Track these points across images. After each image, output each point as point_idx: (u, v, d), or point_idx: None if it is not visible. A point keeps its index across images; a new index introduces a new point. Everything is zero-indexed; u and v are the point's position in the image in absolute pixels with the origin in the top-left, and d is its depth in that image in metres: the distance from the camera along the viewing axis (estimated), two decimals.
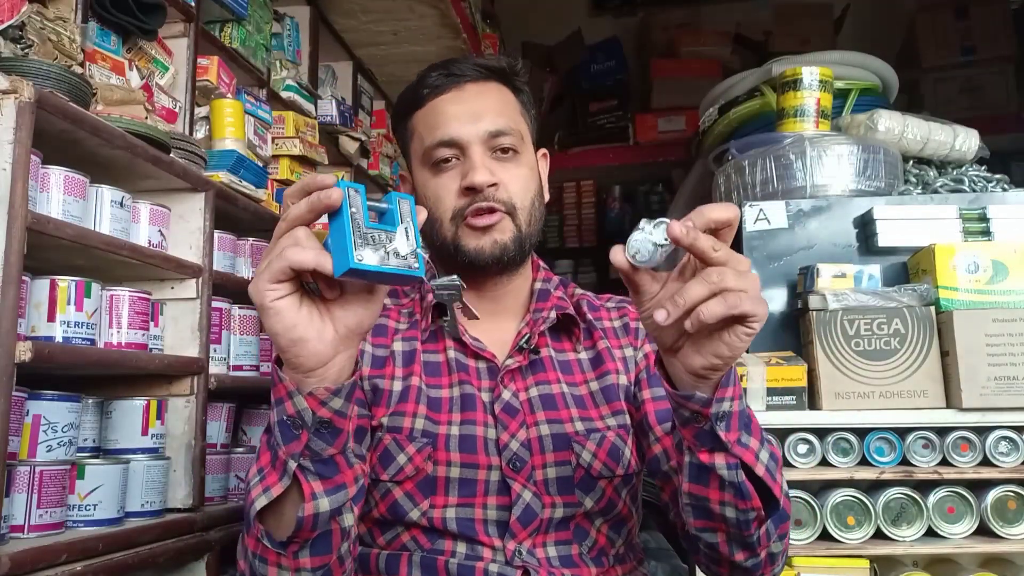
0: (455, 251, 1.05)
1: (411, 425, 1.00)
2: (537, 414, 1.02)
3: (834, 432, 1.57)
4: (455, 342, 1.06)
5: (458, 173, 1.05)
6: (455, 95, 1.08)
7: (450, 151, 1.05)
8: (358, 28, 2.81)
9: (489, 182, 1.02)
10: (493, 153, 1.05)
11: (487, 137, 1.05)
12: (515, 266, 1.08)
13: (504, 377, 1.04)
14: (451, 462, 0.99)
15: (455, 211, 1.04)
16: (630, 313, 1.14)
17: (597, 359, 1.09)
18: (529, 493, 0.98)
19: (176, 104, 1.76)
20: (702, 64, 4.11)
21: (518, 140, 1.07)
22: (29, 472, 1.19)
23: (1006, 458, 1.54)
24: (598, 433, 1.03)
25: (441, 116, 1.07)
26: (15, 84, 1.12)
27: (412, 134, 1.12)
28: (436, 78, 1.10)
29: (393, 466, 0.99)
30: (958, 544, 1.52)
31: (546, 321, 1.07)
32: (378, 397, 1.03)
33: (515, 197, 1.05)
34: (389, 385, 1.04)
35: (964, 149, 2.07)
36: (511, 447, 1.00)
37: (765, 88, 2.54)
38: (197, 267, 1.58)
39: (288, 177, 2.29)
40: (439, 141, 1.05)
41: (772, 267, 1.89)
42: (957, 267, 1.64)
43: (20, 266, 1.11)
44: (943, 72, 4.04)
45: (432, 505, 0.98)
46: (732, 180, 2.10)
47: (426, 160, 1.07)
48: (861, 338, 1.61)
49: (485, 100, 1.08)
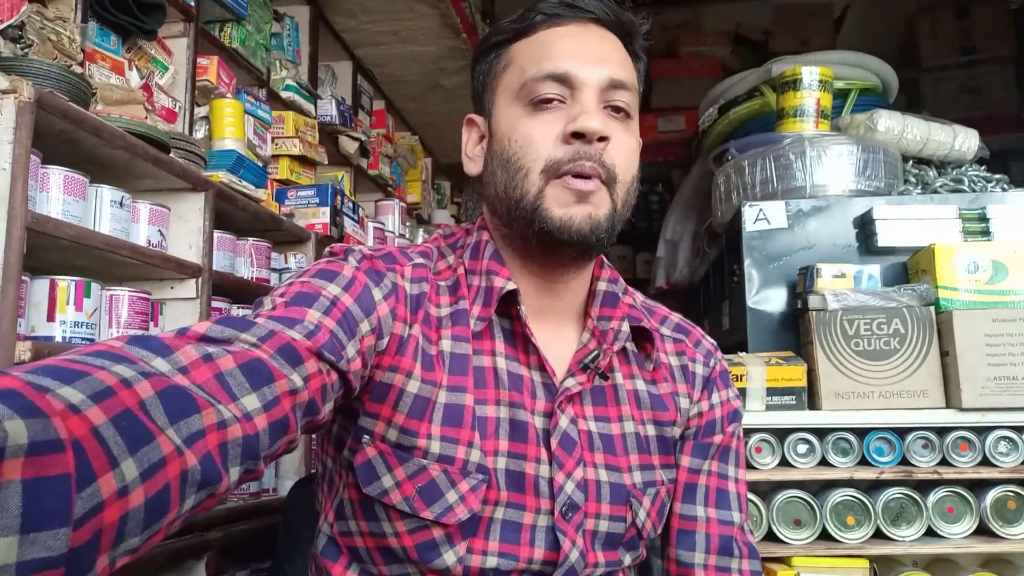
0: (532, 214, 0.82)
1: (465, 457, 0.81)
2: (596, 455, 0.86)
3: (834, 432, 1.57)
4: (508, 344, 0.86)
5: (563, 116, 0.83)
6: (577, 30, 0.87)
7: (557, 89, 0.84)
8: (358, 28, 2.81)
9: (603, 133, 0.81)
10: (605, 108, 0.85)
11: (607, 85, 0.84)
12: (597, 253, 0.88)
13: (562, 401, 0.85)
14: (499, 501, 0.82)
15: (551, 161, 0.82)
16: (688, 351, 0.96)
17: (659, 401, 0.92)
18: (577, 552, 0.84)
19: (176, 104, 1.76)
20: (702, 64, 4.11)
21: (634, 103, 0.88)
22: None
23: (1005, 458, 1.54)
24: (653, 488, 0.90)
25: (555, 48, 0.85)
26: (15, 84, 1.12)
27: (507, 65, 0.89)
28: (556, 6, 0.88)
29: (440, 504, 0.80)
30: (958, 544, 1.52)
31: (617, 336, 0.88)
32: (421, 408, 0.81)
33: (619, 165, 0.83)
34: (435, 395, 0.82)
35: (964, 149, 2.07)
36: (566, 489, 0.83)
37: (765, 88, 2.54)
38: (197, 267, 1.58)
39: (288, 177, 2.30)
40: (548, 73, 0.84)
41: (772, 267, 1.89)
42: (957, 267, 1.64)
43: (20, 266, 1.11)
44: (943, 72, 4.04)
45: (470, 550, 0.81)
46: (732, 180, 2.10)
47: (523, 95, 0.85)
48: (861, 338, 1.61)
49: (608, 46, 0.87)
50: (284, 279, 0.89)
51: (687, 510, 0.93)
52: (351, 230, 2.44)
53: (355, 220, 2.48)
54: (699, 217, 2.98)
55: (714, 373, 0.96)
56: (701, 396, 0.95)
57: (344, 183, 2.75)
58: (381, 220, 2.85)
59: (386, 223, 2.86)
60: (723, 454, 0.95)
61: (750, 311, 1.88)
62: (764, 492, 1.58)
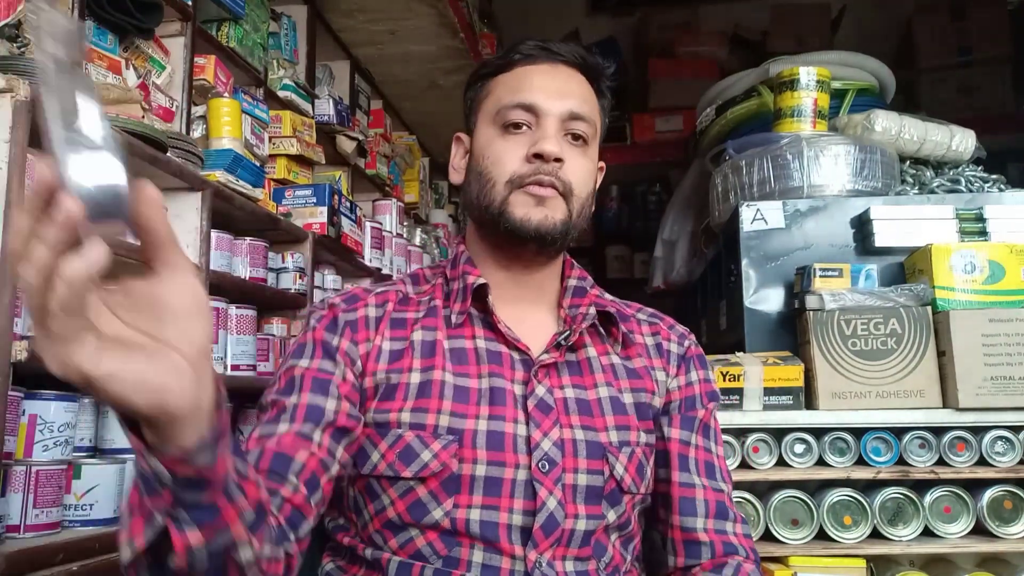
0: (498, 216, 1.00)
1: (435, 422, 0.94)
2: (572, 417, 0.98)
3: (831, 432, 1.57)
4: (487, 329, 1.01)
5: (527, 140, 1.01)
6: (548, 69, 1.05)
7: (525, 116, 1.02)
8: (355, 27, 2.81)
9: (558, 155, 0.99)
10: (565, 135, 1.03)
11: (567, 116, 1.02)
12: (554, 250, 1.04)
13: (539, 371, 0.99)
14: (477, 459, 0.94)
15: (515, 176, 1.00)
16: (662, 331, 1.10)
17: (634, 372, 1.05)
18: (554, 501, 0.94)
19: (173, 103, 1.75)
20: (699, 64, 4.11)
21: (591, 133, 1.05)
22: (25, 472, 1.19)
23: (1002, 458, 1.54)
24: (629, 447, 1.00)
25: (527, 82, 1.04)
26: (11, 83, 1.12)
27: (489, 93, 1.07)
28: (532, 48, 1.06)
29: (417, 463, 0.93)
30: (954, 544, 1.53)
31: (586, 318, 1.03)
32: (393, 391, 0.97)
33: (575, 182, 1.01)
34: (407, 378, 0.97)
35: (961, 149, 2.08)
36: (543, 446, 0.95)
37: (762, 88, 2.54)
38: (194, 266, 1.58)
39: (285, 176, 2.29)
40: (519, 103, 1.02)
41: (769, 267, 1.89)
42: (954, 267, 1.64)
43: None
44: (940, 72, 4.05)
45: (456, 505, 0.93)
46: (729, 180, 2.10)
47: (498, 119, 1.03)
48: (858, 338, 1.61)
49: (574, 84, 1.06)
50: (280, 363, 1.03)
51: (685, 479, 1.02)
52: (348, 230, 2.44)
53: (352, 220, 2.48)
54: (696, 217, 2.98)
55: (689, 352, 1.08)
56: (678, 372, 1.07)
57: (341, 183, 2.75)
58: (379, 220, 2.85)
59: (383, 223, 2.86)
60: (705, 430, 1.05)
61: (747, 311, 1.88)
62: (761, 492, 1.58)
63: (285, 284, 2.07)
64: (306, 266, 2.12)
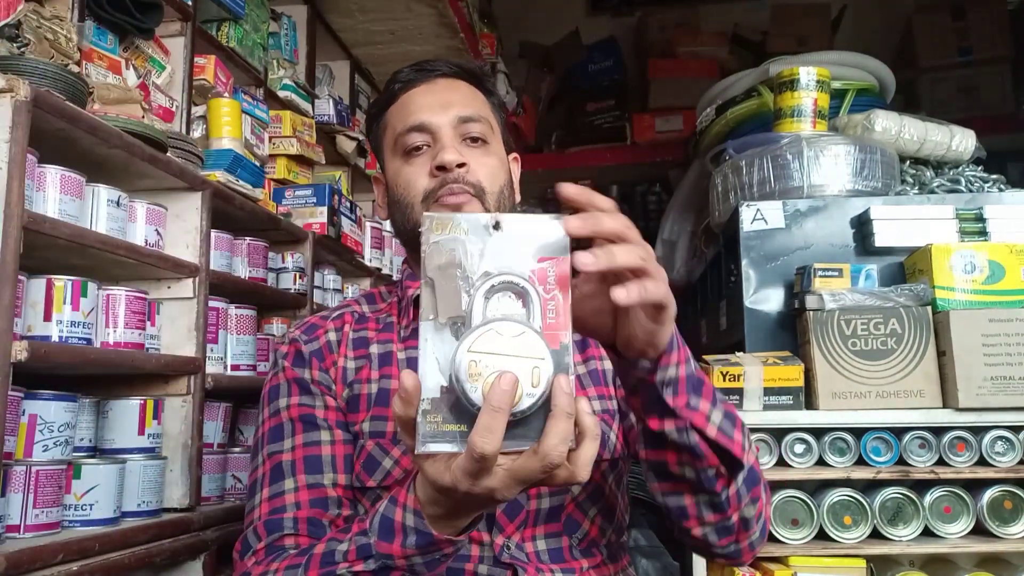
0: (420, 236, 1.07)
1: (394, 429, 0.99)
2: None
3: (831, 432, 1.57)
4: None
5: (428, 158, 1.06)
6: (426, 87, 1.11)
7: (421, 137, 1.07)
8: (355, 27, 2.81)
9: (458, 161, 1.03)
10: (463, 140, 1.07)
11: (457, 122, 1.07)
12: None
13: None
14: None
15: (426, 192, 1.05)
16: None
17: (582, 343, 1.10)
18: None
19: (173, 103, 1.75)
20: (699, 64, 4.11)
21: (487, 130, 1.09)
22: (25, 472, 1.19)
23: (1002, 458, 1.54)
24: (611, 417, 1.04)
25: (412, 105, 1.09)
26: (11, 83, 1.12)
27: (384, 128, 1.14)
28: (407, 73, 1.12)
29: (379, 472, 0.99)
30: (954, 544, 1.52)
31: None
32: (356, 403, 1.03)
33: (484, 181, 1.06)
34: (366, 389, 1.03)
35: (961, 149, 2.08)
36: None
37: (762, 88, 2.54)
38: (194, 266, 1.58)
39: (285, 176, 2.29)
40: (410, 126, 1.07)
41: (769, 267, 1.89)
42: (954, 267, 1.64)
43: (16, 265, 1.11)
44: (940, 72, 4.05)
45: None
46: (729, 180, 2.10)
47: (397, 149, 1.09)
48: (858, 338, 1.61)
49: (455, 92, 1.10)
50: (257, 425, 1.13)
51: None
52: (348, 230, 2.44)
53: (352, 220, 2.48)
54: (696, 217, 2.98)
55: None
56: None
57: (342, 183, 2.75)
58: (378, 220, 2.85)
59: (383, 223, 2.86)
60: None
61: (747, 311, 1.88)
62: None
63: (285, 284, 2.07)
64: (306, 266, 2.12)
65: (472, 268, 0.67)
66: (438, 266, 0.66)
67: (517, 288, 0.67)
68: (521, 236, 0.67)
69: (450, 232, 0.67)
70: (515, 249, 0.67)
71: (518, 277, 0.66)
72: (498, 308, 0.66)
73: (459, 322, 0.66)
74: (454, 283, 0.66)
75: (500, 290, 0.67)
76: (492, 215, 0.68)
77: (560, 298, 0.67)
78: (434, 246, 0.67)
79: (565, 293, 0.67)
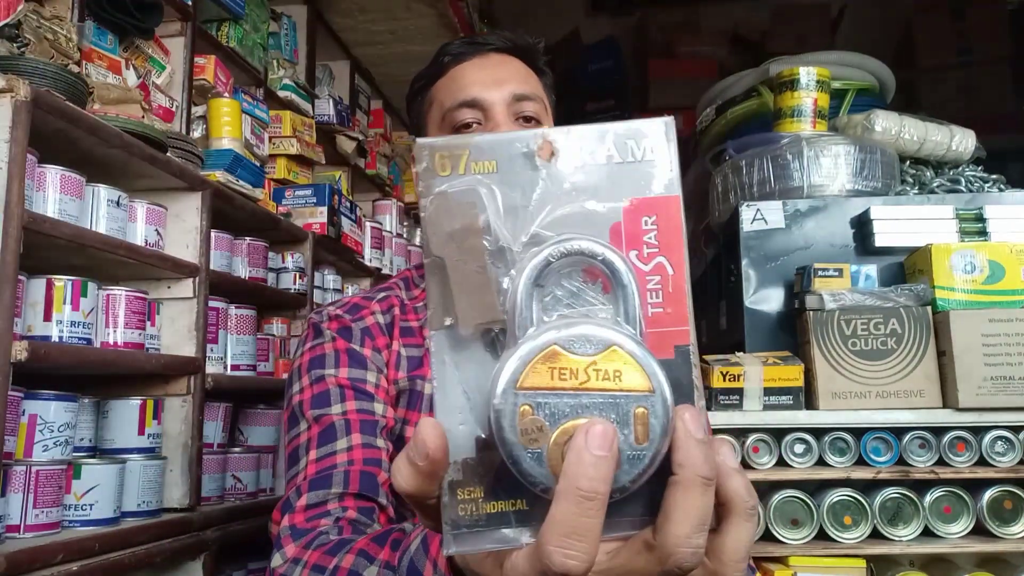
0: None
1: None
2: None
3: (831, 432, 1.57)
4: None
5: None
6: (479, 61, 1.03)
7: (472, 113, 0.99)
8: (355, 27, 2.81)
9: None
10: (516, 119, 1.00)
11: (512, 100, 1.00)
12: None
13: None
14: None
15: None
16: None
17: None
18: None
19: (173, 103, 1.75)
20: (699, 64, 4.12)
21: (541, 110, 1.03)
22: (25, 472, 1.19)
23: (1002, 458, 1.54)
24: None
25: (463, 80, 1.02)
26: (11, 83, 1.12)
27: (431, 103, 1.06)
28: (458, 46, 1.05)
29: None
30: (954, 544, 1.52)
31: None
32: (414, 400, 0.96)
33: None
34: (428, 388, 0.95)
35: (961, 149, 2.08)
36: None
37: (762, 88, 2.54)
38: (194, 266, 1.58)
39: (285, 176, 2.29)
40: (461, 102, 1.00)
41: (769, 267, 1.89)
42: (954, 267, 1.64)
43: (16, 265, 1.11)
44: (940, 72, 4.05)
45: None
46: (729, 180, 2.10)
47: (445, 125, 1.01)
48: (858, 338, 1.61)
49: (509, 68, 1.04)
50: (292, 370, 1.02)
51: None
52: (348, 230, 2.44)
53: (352, 220, 2.48)
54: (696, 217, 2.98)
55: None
56: None
57: (342, 183, 2.75)
58: (379, 220, 2.85)
59: (383, 223, 2.86)
60: None
61: (747, 311, 1.88)
62: (761, 492, 1.58)
63: (285, 284, 2.07)
64: (306, 266, 2.12)
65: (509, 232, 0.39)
66: (449, 234, 0.39)
67: (593, 260, 0.39)
68: (592, 167, 0.41)
69: (466, 171, 0.40)
70: (582, 190, 0.40)
71: (593, 241, 0.39)
72: (561, 300, 0.40)
73: (495, 330, 0.39)
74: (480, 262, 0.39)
75: (562, 267, 0.40)
76: (538, 131, 0.42)
77: (668, 267, 0.40)
78: (440, 200, 0.39)
79: (676, 257, 0.40)
